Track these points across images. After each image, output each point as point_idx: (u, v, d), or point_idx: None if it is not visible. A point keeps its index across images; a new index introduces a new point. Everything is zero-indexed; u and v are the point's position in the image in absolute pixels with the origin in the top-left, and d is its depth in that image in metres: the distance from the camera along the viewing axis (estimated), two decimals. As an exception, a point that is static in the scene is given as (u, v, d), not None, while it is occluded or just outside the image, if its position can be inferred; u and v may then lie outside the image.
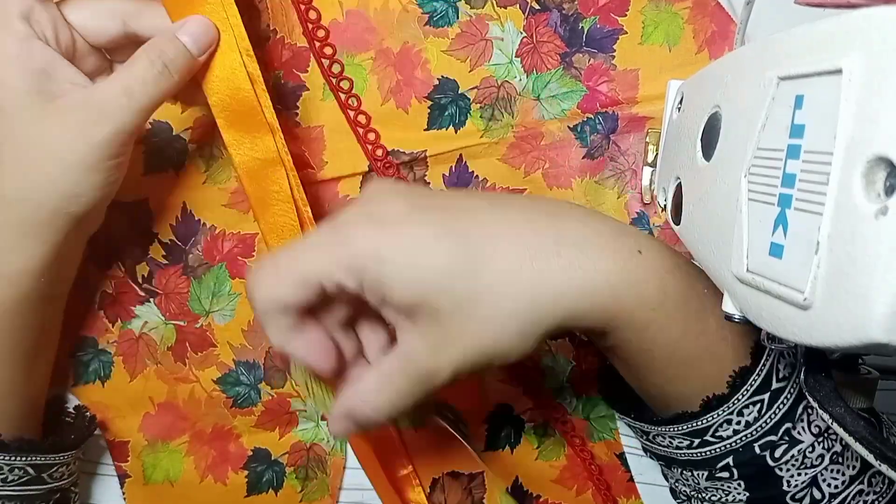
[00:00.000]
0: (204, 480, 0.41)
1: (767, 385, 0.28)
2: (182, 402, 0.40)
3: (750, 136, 0.22)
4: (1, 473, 0.31)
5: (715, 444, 0.29)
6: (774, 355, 0.28)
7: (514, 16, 0.37)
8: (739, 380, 0.28)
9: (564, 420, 0.40)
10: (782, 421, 0.28)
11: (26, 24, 0.27)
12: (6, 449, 0.32)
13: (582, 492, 0.42)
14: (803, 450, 0.28)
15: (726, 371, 0.29)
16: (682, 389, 0.30)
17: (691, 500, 0.33)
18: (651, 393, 0.31)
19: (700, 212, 0.28)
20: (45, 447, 0.33)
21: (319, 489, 0.41)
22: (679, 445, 0.31)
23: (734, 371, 0.28)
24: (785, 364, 0.29)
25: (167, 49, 0.28)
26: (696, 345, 0.28)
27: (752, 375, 0.28)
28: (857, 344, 0.16)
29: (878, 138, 0.16)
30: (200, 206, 0.38)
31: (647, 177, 0.38)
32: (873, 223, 0.16)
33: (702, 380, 0.29)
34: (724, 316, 0.27)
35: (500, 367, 0.40)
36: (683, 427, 0.30)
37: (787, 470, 0.29)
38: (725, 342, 0.28)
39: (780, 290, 0.20)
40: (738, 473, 0.29)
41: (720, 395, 0.29)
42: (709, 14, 0.37)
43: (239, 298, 0.39)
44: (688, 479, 0.32)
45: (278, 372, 0.40)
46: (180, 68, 0.29)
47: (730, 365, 0.29)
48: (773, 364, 0.28)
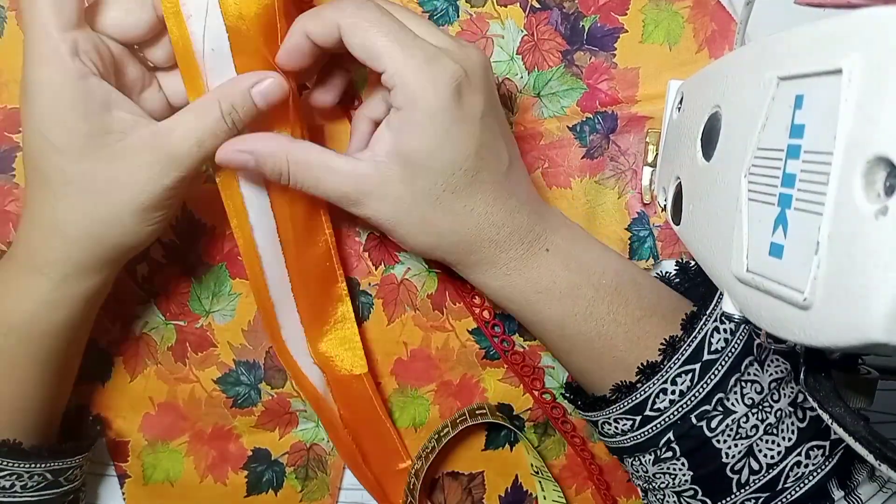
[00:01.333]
0: (204, 480, 0.41)
1: (699, 355, 0.30)
2: (182, 402, 0.40)
3: (750, 136, 0.22)
4: (21, 480, 0.32)
5: (655, 419, 0.31)
6: (707, 330, 0.30)
7: (514, 14, 0.37)
8: (670, 348, 0.31)
9: (564, 420, 0.40)
10: (714, 391, 0.30)
11: (78, 60, 0.27)
12: (27, 457, 0.32)
13: (581, 491, 0.42)
14: (737, 419, 0.30)
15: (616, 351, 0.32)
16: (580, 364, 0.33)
17: (647, 494, 0.35)
18: (571, 370, 0.35)
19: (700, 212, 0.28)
20: (63, 454, 0.34)
21: (319, 489, 0.41)
22: (624, 430, 0.32)
23: (665, 340, 0.31)
24: (718, 339, 0.30)
25: (238, 104, 0.29)
26: (581, 328, 0.32)
27: (683, 345, 0.30)
28: (856, 344, 0.16)
29: (878, 138, 0.16)
30: (200, 206, 0.38)
31: (647, 177, 0.38)
32: (873, 223, 0.16)
33: (588, 361, 0.33)
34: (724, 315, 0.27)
35: (500, 367, 0.40)
36: (623, 405, 0.32)
37: (725, 441, 0.30)
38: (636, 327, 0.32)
39: (780, 290, 0.20)
40: (680, 451, 0.31)
41: (653, 362, 0.31)
42: (709, 13, 0.37)
43: (239, 298, 0.39)
44: (638, 470, 0.34)
45: (278, 372, 0.40)
46: (245, 123, 0.29)
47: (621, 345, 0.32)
48: (705, 337, 0.30)
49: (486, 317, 0.39)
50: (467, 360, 0.40)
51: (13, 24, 0.36)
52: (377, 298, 0.39)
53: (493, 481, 0.42)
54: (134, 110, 0.29)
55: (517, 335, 0.40)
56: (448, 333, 0.40)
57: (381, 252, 0.39)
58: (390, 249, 0.39)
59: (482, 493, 0.42)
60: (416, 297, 0.40)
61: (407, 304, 0.40)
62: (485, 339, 0.40)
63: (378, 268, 0.39)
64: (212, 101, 0.28)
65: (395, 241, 0.32)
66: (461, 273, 0.33)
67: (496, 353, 0.40)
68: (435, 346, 0.40)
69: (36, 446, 0.33)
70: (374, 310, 0.40)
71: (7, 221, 0.37)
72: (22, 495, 0.32)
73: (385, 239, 0.39)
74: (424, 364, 0.40)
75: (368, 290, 0.39)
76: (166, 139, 0.28)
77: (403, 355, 0.40)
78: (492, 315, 0.39)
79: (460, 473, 0.42)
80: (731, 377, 0.30)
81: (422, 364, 0.40)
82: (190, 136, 0.28)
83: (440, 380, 0.40)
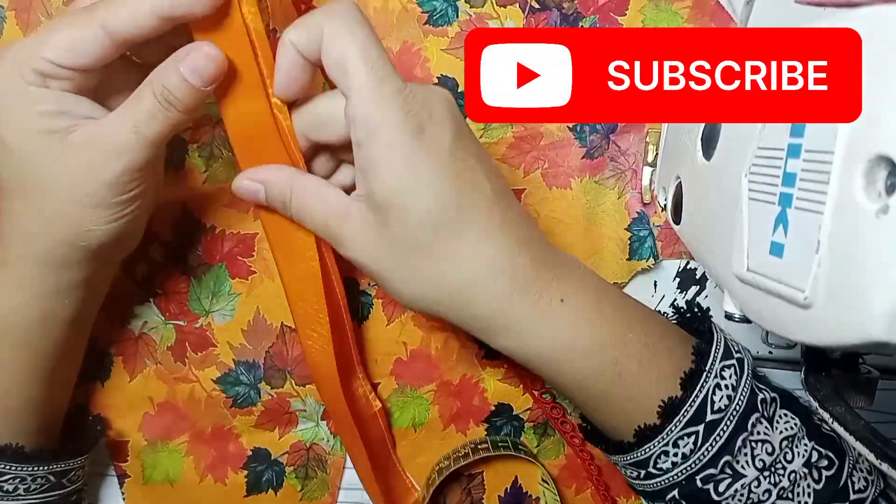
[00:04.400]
0: (204, 480, 0.40)
1: (701, 416, 0.28)
2: (182, 402, 0.40)
3: (750, 135, 0.22)
4: (24, 483, 0.32)
5: (658, 477, 0.30)
6: (707, 388, 0.28)
7: (513, 15, 0.37)
8: (671, 409, 0.28)
9: (564, 420, 0.40)
10: (721, 453, 0.28)
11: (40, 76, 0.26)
12: (29, 460, 0.32)
13: (581, 491, 0.42)
14: (747, 484, 0.28)
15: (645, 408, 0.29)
16: (604, 420, 0.31)
17: None
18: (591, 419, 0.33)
19: (700, 211, 0.28)
20: (65, 455, 0.34)
21: (319, 488, 0.41)
22: (631, 476, 0.32)
23: (663, 401, 0.28)
24: (721, 396, 0.28)
25: (169, 82, 0.27)
26: (613, 388, 0.29)
27: (685, 406, 0.28)
28: (857, 343, 0.16)
29: (878, 137, 0.16)
30: (200, 206, 0.38)
31: (647, 177, 0.38)
32: (874, 222, 0.16)
33: (623, 414, 0.30)
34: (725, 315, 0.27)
35: (500, 367, 0.40)
36: (627, 457, 0.30)
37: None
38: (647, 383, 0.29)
39: (781, 289, 0.20)
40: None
41: (652, 424, 0.29)
42: (708, 13, 0.37)
43: (239, 298, 0.39)
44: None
45: (278, 371, 0.40)
46: (186, 103, 0.27)
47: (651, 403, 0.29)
48: (706, 396, 0.28)
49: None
50: (467, 360, 0.40)
51: (13, 24, 0.36)
52: (377, 298, 0.39)
53: (492, 482, 0.42)
54: (90, 111, 0.28)
55: (517, 335, 0.40)
56: (448, 333, 0.40)
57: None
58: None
59: (482, 493, 0.42)
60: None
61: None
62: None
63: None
64: (145, 85, 0.27)
65: (391, 296, 0.30)
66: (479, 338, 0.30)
67: (496, 353, 0.40)
68: (435, 346, 0.40)
69: (37, 448, 0.33)
70: (374, 310, 0.40)
71: (6, 221, 0.37)
72: (26, 498, 0.32)
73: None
74: (424, 364, 0.40)
75: (368, 290, 0.39)
76: (104, 130, 0.27)
77: (403, 355, 0.40)
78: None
79: (460, 474, 0.42)
80: (737, 437, 0.28)
81: (421, 364, 0.40)
82: (126, 122, 0.27)
83: (440, 380, 0.40)
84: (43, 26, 0.28)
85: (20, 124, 0.27)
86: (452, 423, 0.41)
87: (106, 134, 0.27)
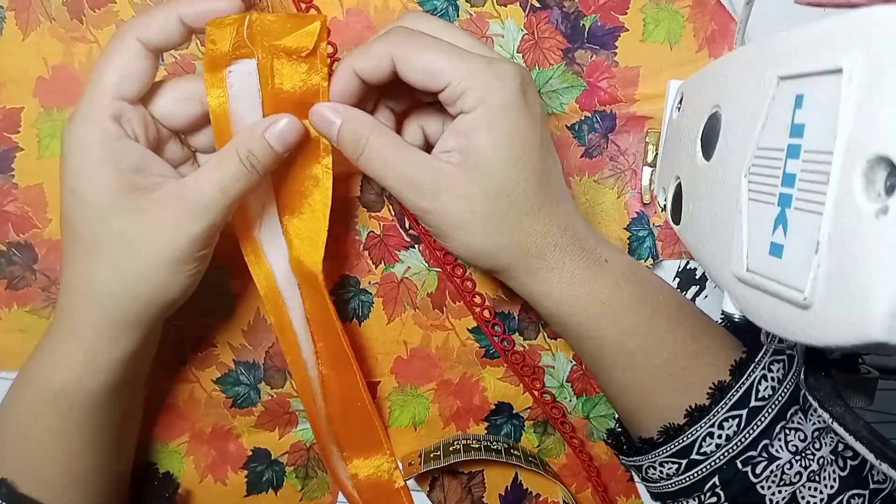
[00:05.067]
0: (204, 480, 0.41)
1: (746, 401, 0.30)
2: (182, 402, 0.40)
3: (750, 135, 0.22)
4: None
5: (701, 463, 0.31)
6: (755, 377, 0.31)
7: (514, 13, 0.37)
8: (719, 393, 0.31)
9: (564, 420, 0.40)
10: (760, 437, 0.30)
11: (116, 123, 0.28)
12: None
13: (581, 489, 0.42)
14: (781, 465, 0.30)
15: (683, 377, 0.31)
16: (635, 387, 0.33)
17: None
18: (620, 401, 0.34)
19: (700, 212, 0.28)
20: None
21: (319, 488, 0.41)
22: (669, 473, 0.32)
23: (713, 384, 0.31)
24: (766, 387, 0.31)
25: (255, 149, 0.29)
26: (643, 341, 0.31)
27: (731, 390, 0.31)
28: (857, 343, 0.16)
29: (878, 137, 0.16)
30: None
31: (647, 177, 0.38)
32: (874, 222, 0.16)
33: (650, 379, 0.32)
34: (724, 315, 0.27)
35: (500, 366, 0.40)
36: (671, 447, 0.32)
37: (769, 487, 0.30)
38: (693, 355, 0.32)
39: (780, 289, 0.20)
40: (724, 496, 0.31)
41: (701, 405, 0.31)
42: (709, 13, 0.37)
43: (239, 298, 0.39)
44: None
45: (278, 372, 0.40)
46: (267, 166, 0.30)
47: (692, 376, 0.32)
48: (753, 384, 0.31)
49: (486, 316, 0.39)
50: (467, 358, 0.40)
51: (12, 24, 0.36)
52: (377, 297, 0.39)
53: (492, 480, 0.42)
54: (165, 171, 0.30)
55: (517, 334, 0.40)
56: (448, 332, 0.40)
57: (381, 250, 0.39)
58: (390, 248, 0.39)
59: (482, 491, 0.42)
60: (416, 296, 0.40)
61: (407, 303, 0.40)
62: (485, 337, 0.40)
63: (378, 266, 0.39)
64: (230, 149, 0.29)
65: (449, 248, 0.32)
66: (519, 284, 0.32)
67: (496, 352, 0.40)
68: (435, 345, 0.40)
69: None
70: (374, 308, 0.40)
71: (6, 221, 0.37)
72: None
73: (385, 237, 0.39)
74: (424, 363, 0.40)
75: (368, 289, 0.39)
76: (191, 189, 0.29)
77: (403, 354, 0.40)
78: (492, 314, 0.39)
79: (460, 472, 0.42)
80: (776, 424, 0.30)
81: (422, 363, 0.40)
82: (213, 183, 0.29)
83: (440, 379, 0.40)
84: None
85: (104, 181, 0.28)
86: (452, 421, 0.41)
87: (191, 192, 0.29)
